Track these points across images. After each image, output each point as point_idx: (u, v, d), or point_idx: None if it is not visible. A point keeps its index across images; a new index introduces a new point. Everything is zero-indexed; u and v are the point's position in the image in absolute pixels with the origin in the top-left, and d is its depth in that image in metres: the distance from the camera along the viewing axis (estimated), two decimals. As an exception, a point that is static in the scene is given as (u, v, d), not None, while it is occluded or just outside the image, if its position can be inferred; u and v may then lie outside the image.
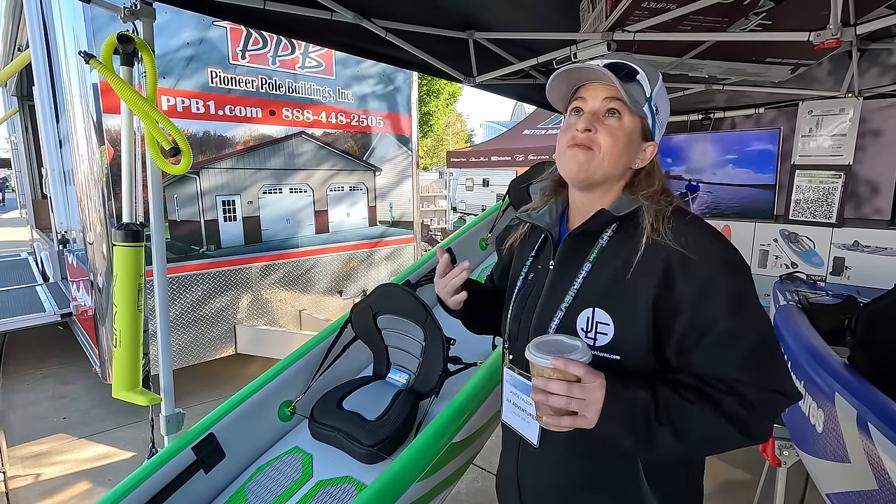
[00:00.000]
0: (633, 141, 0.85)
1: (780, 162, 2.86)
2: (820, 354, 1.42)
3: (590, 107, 0.85)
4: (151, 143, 1.53)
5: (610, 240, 0.86)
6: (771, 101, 2.89)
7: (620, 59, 0.85)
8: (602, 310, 0.82)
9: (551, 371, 0.73)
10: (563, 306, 0.86)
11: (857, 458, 1.07)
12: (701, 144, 3.17)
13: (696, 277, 0.77)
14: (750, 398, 0.75)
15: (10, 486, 2.76)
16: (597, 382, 0.73)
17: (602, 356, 0.81)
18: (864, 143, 2.61)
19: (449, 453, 1.58)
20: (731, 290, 0.77)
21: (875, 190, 2.60)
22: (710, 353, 0.77)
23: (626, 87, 0.81)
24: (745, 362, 0.76)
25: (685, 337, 0.78)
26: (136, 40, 1.52)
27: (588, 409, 0.73)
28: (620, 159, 0.85)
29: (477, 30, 2.22)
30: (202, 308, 3.68)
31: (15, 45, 5.12)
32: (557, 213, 0.96)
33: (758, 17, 1.83)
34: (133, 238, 1.58)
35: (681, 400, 0.75)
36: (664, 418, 0.74)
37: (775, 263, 2.99)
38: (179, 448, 1.60)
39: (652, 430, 0.74)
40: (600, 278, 0.84)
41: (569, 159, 0.86)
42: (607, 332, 0.82)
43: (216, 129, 3.61)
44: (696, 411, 0.74)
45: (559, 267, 0.90)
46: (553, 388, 0.72)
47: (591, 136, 0.83)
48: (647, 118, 0.85)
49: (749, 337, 0.77)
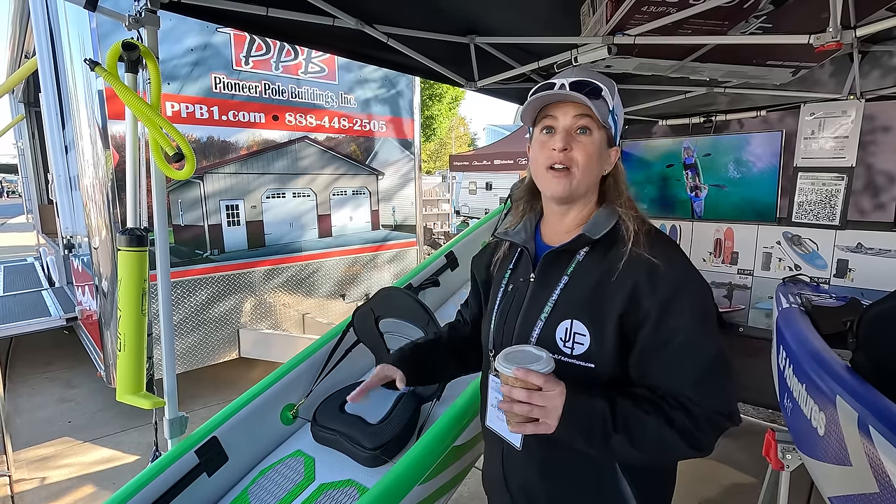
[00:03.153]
0: (602, 152, 0.92)
1: (783, 164, 2.85)
2: (822, 357, 1.41)
3: (562, 125, 0.91)
4: (156, 149, 1.55)
5: (586, 255, 0.92)
6: (773, 104, 2.88)
7: (583, 77, 0.91)
8: (579, 321, 0.88)
9: (514, 380, 0.78)
10: (543, 317, 0.92)
11: (859, 460, 1.06)
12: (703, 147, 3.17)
13: (661, 293, 0.83)
14: (697, 415, 0.80)
15: (16, 490, 2.78)
16: (556, 391, 0.78)
17: (579, 364, 0.87)
18: (866, 145, 2.60)
19: (451, 456, 1.58)
20: (692, 309, 0.83)
21: (878, 192, 2.59)
22: (667, 366, 0.84)
23: (594, 104, 0.88)
24: (697, 381, 0.82)
25: (645, 348, 0.85)
26: (141, 48, 1.54)
27: (548, 416, 0.78)
28: (595, 171, 0.92)
29: (478, 34, 2.23)
30: (206, 312, 3.70)
31: (22, 52, 5.18)
32: (532, 228, 1.04)
33: (758, 21, 1.83)
34: (137, 243, 1.60)
35: (638, 410, 0.81)
36: (620, 427, 0.79)
37: (778, 266, 2.98)
38: (183, 451, 1.61)
39: (608, 436, 0.80)
40: (577, 292, 0.90)
41: (551, 181, 0.92)
42: (584, 342, 0.87)
43: (220, 134, 3.64)
44: (651, 422, 0.80)
45: (539, 280, 0.96)
46: (516, 396, 0.78)
47: (567, 154, 0.90)
48: (611, 128, 0.92)
49: (704, 356, 0.83)
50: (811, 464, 1.40)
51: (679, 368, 0.83)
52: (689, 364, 0.82)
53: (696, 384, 0.82)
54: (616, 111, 0.93)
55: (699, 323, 0.83)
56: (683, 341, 0.82)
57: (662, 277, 0.84)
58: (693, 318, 0.83)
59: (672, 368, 0.83)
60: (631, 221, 0.90)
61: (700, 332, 0.83)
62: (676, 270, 0.85)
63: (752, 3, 1.69)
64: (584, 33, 1.94)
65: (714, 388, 0.82)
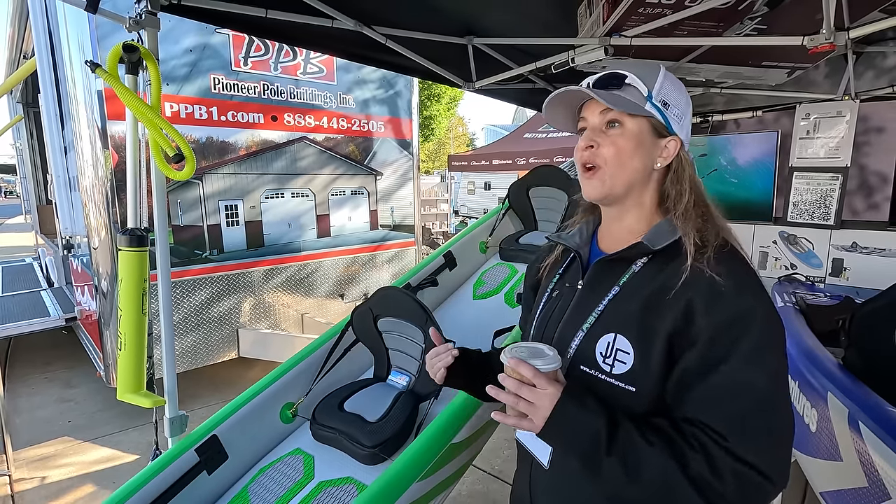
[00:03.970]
0: (645, 142, 0.83)
1: (778, 164, 2.87)
2: (814, 355, 1.43)
3: (590, 123, 0.86)
4: (156, 150, 1.56)
5: (644, 266, 0.83)
6: (769, 104, 2.91)
7: (614, 69, 0.85)
8: (623, 337, 0.79)
9: (510, 371, 0.76)
10: (585, 327, 0.83)
11: (849, 456, 1.08)
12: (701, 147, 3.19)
13: (718, 315, 0.73)
14: (721, 466, 0.68)
15: (16, 489, 2.78)
16: (548, 391, 0.73)
17: (618, 385, 0.78)
18: (861, 146, 2.62)
19: (449, 454, 1.60)
20: (752, 340, 0.72)
21: (872, 192, 2.62)
22: (704, 397, 0.73)
23: (615, 95, 0.82)
24: (733, 418, 0.70)
25: (686, 372, 0.74)
26: (141, 49, 1.55)
27: (535, 414, 0.74)
28: (632, 164, 0.83)
29: (476, 35, 2.25)
30: (205, 312, 3.71)
31: (21, 52, 5.18)
32: (588, 233, 0.95)
33: (753, 22, 1.85)
34: (138, 243, 1.61)
35: (641, 439, 0.72)
36: (616, 451, 0.71)
37: (775, 265, 3.00)
38: (183, 450, 1.62)
39: (599, 456, 0.72)
40: (627, 304, 0.80)
41: (585, 183, 0.86)
42: (626, 361, 0.78)
43: (219, 134, 3.66)
44: (654, 456, 0.71)
45: (587, 287, 0.88)
46: (507, 384, 0.75)
47: (594, 152, 0.83)
48: (654, 116, 0.82)
49: (750, 395, 0.70)
50: (804, 460, 1.42)
51: (715, 401, 0.71)
52: (728, 400, 0.71)
53: (731, 425, 0.70)
54: (661, 97, 0.82)
55: (755, 357, 0.71)
56: (732, 372, 0.71)
57: (723, 298, 0.73)
58: (750, 350, 0.71)
59: (711, 401, 0.72)
60: (694, 233, 0.78)
61: (754, 369, 0.71)
62: (742, 294, 0.73)
63: (747, 5, 1.71)
64: (581, 34, 1.96)
65: (753, 431, 0.70)
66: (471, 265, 2.77)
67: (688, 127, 0.87)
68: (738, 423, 0.70)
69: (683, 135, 0.85)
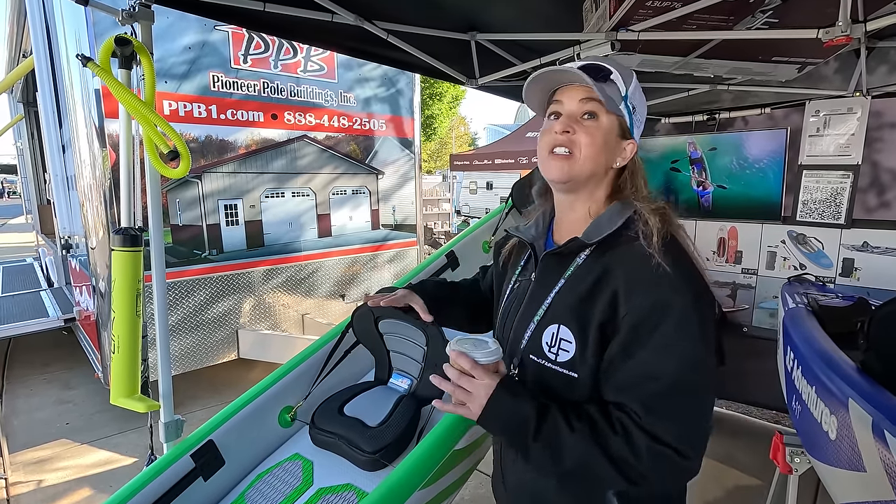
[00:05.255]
0: (611, 140, 0.87)
1: (787, 162, 2.81)
2: (832, 359, 1.38)
3: (567, 109, 0.88)
4: (150, 147, 1.51)
5: (587, 258, 0.87)
6: (777, 101, 2.85)
7: (594, 62, 0.87)
8: (566, 327, 0.85)
9: (452, 360, 0.83)
10: (536, 319, 0.89)
11: (873, 466, 1.03)
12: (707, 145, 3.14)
13: (637, 302, 0.78)
14: (638, 444, 0.74)
15: (12, 493, 2.75)
16: (485, 381, 0.80)
17: (562, 372, 0.85)
18: (873, 143, 2.57)
19: (452, 460, 1.55)
20: (671, 324, 0.76)
21: (885, 190, 2.56)
22: (625, 381, 0.78)
23: (600, 86, 0.84)
24: (649, 400, 0.76)
25: (612, 357, 0.80)
26: (135, 43, 1.51)
27: (471, 402, 0.81)
28: (600, 158, 0.87)
29: (479, 31, 2.20)
30: (205, 312, 3.67)
31: (20, 51, 5.15)
32: (544, 225, 1.00)
33: (764, 15, 1.80)
34: (131, 243, 1.57)
35: (565, 425, 0.77)
36: (542, 438, 0.78)
37: (783, 265, 2.94)
38: (178, 455, 1.57)
39: (526, 441, 0.79)
40: (569, 296, 0.86)
41: (551, 164, 0.89)
42: (569, 350, 0.84)
43: (218, 133, 3.61)
44: (577, 441, 0.76)
45: (538, 280, 0.93)
46: (448, 374, 0.82)
47: (570, 136, 0.86)
48: (624, 117, 0.87)
49: (665, 377, 0.75)
50: (822, 468, 1.37)
51: (635, 385, 0.77)
52: (644, 381, 0.76)
53: (645, 403, 0.75)
54: (632, 100, 0.87)
55: (670, 345, 0.76)
56: (646, 356, 0.76)
57: (644, 285, 0.78)
58: (664, 332, 0.76)
59: (629, 384, 0.78)
60: (652, 218, 0.83)
61: (667, 349, 0.76)
62: (663, 280, 0.77)
63: (758, -3, 1.66)
64: (587, 29, 1.91)
65: (667, 413, 0.75)
66: (473, 265, 2.72)
67: (639, 135, 0.92)
68: (652, 404, 0.75)
69: (638, 140, 0.91)
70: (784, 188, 2.88)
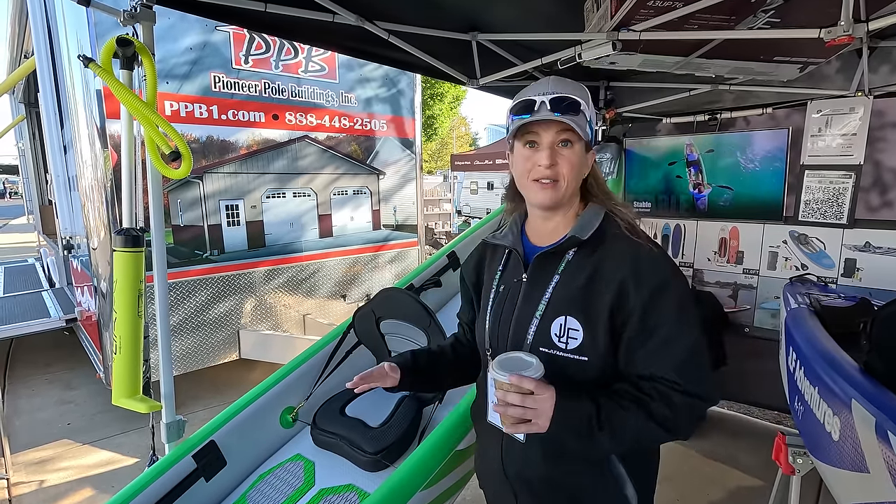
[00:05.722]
0: (583, 157, 0.98)
1: (789, 162, 2.81)
2: (835, 359, 1.37)
3: (546, 141, 0.95)
4: (152, 148, 1.51)
5: (575, 255, 0.98)
6: (779, 101, 2.84)
7: (560, 91, 0.94)
8: (572, 317, 0.94)
9: (509, 385, 0.85)
10: (538, 314, 0.97)
11: (876, 467, 1.03)
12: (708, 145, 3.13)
13: (646, 288, 0.90)
14: (676, 402, 0.88)
15: (14, 493, 2.75)
16: (547, 394, 0.86)
17: (573, 357, 0.94)
18: (875, 142, 2.56)
19: (453, 461, 1.55)
20: (674, 302, 0.91)
21: (887, 190, 2.55)
22: (651, 354, 0.91)
23: (577, 122, 0.93)
24: (679, 367, 0.89)
25: (632, 339, 0.91)
26: (136, 43, 1.51)
27: (540, 418, 0.86)
28: (579, 178, 0.99)
29: (480, 31, 2.20)
30: (206, 313, 3.67)
31: (21, 51, 5.16)
32: (518, 231, 1.09)
33: (766, 15, 1.79)
34: (133, 243, 1.57)
35: (620, 409, 0.88)
36: (605, 424, 0.87)
37: (785, 265, 2.93)
38: (180, 456, 1.58)
39: (593, 433, 0.87)
40: (569, 289, 0.96)
41: (538, 192, 0.97)
42: (577, 337, 0.93)
43: (219, 133, 3.61)
44: (631, 417, 0.87)
45: (531, 279, 1.01)
46: (511, 400, 0.85)
47: (554, 169, 0.95)
48: (588, 137, 0.97)
49: (685, 345, 0.90)
50: (825, 469, 1.37)
51: (662, 357, 0.90)
52: (671, 353, 0.89)
53: (678, 370, 0.89)
54: (592, 119, 0.98)
55: (680, 314, 0.90)
56: (667, 332, 0.90)
57: (647, 273, 0.91)
58: (675, 310, 0.90)
59: (656, 357, 0.90)
60: (624, 216, 0.97)
61: (681, 323, 0.90)
62: (659, 266, 0.92)
63: (760, -3, 1.65)
64: (588, 29, 1.91)
65: (694, 373, 0.89)
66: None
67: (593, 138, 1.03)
68: (683, 369, 0.89)
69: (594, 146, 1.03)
70: (786, 188, 2.87)
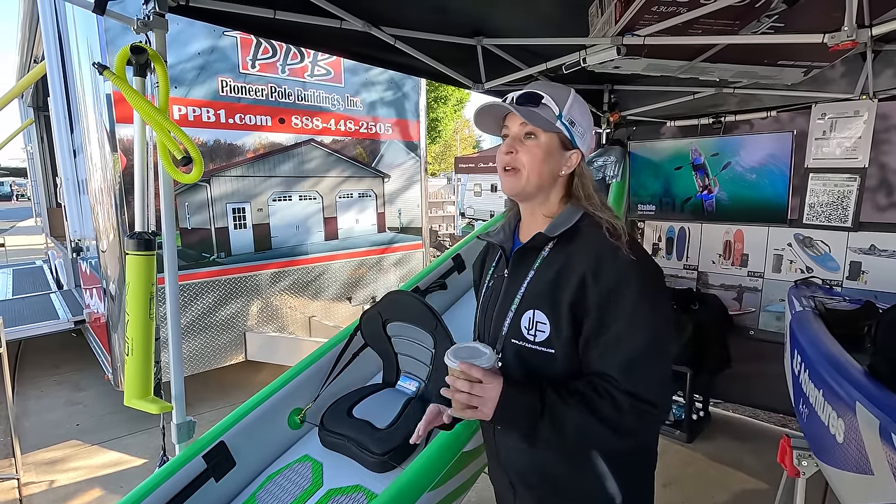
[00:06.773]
0: (554, 153, 1.00)
1: (794, 165, 2.81)
2: (839, 362, 1.38)
3: (512, 132, 1.02)
4: (163, 153, 1.54)
5: (551, 251, 1.01)
6: (783, 104, 2.85)
7: (534, 90, 1.01)
8: (540, 311, 0.97)
9: (459, 372, 0.90)
10: (513, 308, 1.01)
11: (881, 469, 1.04)
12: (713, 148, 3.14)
13: (603, 283, 0.91)
14: (622, 403, 0.88)
15: (25, 493, 2.78)
16: (493, 384, 0.90)
17: (541, 350, 0.97)
18: (879, 145, 2.56)
19: (460, 462, 1.56)
20: (631, 298, 0.90)
21: (892, 192, 2.55)
22: (603, 352, 0.92)
23: (531, 111, 0.98)
24: (625, 368, 0.89)
25: (588, 335, 0.93)
26: (149, 51, 1.54)
27: (485, 406, 0.90)
28: (543, 170, 1.00)
29: (485, 36, 2.22)
30: (213, 315, 3.70)
31: (31, 56, 5.22)
32: (510, 230, 1.14)
33: (770, 20, 1.80)
34: (145, 247, 1.59)
35: (562, 402, 0.90)
36: (547, 418, 0.89)
37: (790, 268, 2.94)
38: (190, 456, 1.60)
39: (535, 426, 0.90)
40: (539, 284, 0.99)
41: (504, 180, 1.03)
42: (545, 330, 0.97)
43: (226, 137, 3.65)
44: (573, 412, 0.89)
45: (511, 274, 1.06)
46: (459, 386, 0.90)
47: (514, 157, 1.00)
48: (563, 132, 0.99)
49: (635, 345, 0.90)
50: (829, 472, 1.37)
51: (611, 355, 0.90)
52: (619, 352, 0.90)
53: (622, 370, 0.89)
54: (569, 116, 1.00)
55: (635, 315, 0.90)
56: (619, 329, 0.90)
57: (606, 268, 0.91)
58: (630, 310, 0.89)
59: (606, 355, 0.91)
60: (602, 214, 0.98)
61: (635, 322, 0.90)
62: (620, 261, 0.91)
63: (763, 3, 1.66)
64: (593, 34, 1.92)
65: (640, 375, 0.89)
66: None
67: (589, 143, 1.06)
68: (628, 368, 0.89)
69: (585, 149, 1.03)
70: (790, 191, 2.87)
